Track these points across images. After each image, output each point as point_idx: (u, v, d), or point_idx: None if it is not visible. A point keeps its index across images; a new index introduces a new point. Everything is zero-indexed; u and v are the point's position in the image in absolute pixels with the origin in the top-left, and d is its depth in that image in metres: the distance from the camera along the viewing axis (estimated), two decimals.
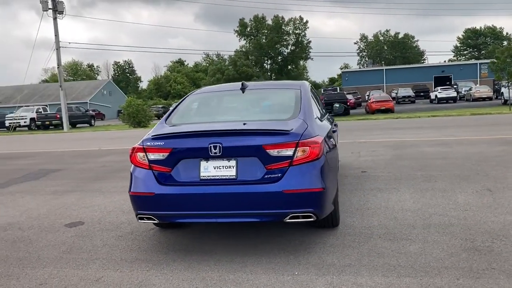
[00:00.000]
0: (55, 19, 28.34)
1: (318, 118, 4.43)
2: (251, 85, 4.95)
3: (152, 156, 3.76)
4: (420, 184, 6.03)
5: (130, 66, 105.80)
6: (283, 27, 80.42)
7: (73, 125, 36.11)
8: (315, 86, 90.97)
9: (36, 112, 36.18)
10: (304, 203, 3.58)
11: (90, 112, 39.81)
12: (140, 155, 3.82)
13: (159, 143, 3.76)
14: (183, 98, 4.91)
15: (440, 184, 5.97)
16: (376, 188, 5.91)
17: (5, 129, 35.02)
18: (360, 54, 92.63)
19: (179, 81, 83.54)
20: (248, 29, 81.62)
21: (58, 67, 28.89)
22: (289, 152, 3.58)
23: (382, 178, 6.52)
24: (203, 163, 3.67)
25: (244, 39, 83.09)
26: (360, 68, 72.21)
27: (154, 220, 3.76)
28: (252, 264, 3.61)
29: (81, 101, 55.77)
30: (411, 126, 16.00)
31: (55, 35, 28.70)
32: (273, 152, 3.57)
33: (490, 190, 5.46)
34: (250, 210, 3.57)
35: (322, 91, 45.54)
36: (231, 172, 3.63)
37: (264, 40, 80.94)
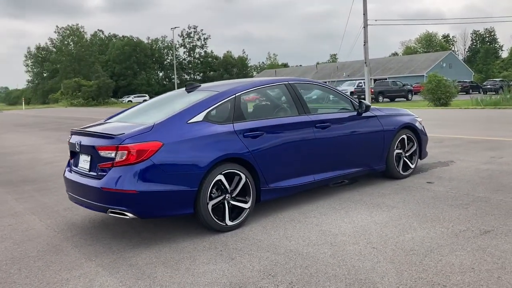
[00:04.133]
0: None
1: (212, 122, 4.46)
2: (203, 86, 5.23)
3: (68, 146, 4.91)
4: (437, 207, 4.79)
5: (492, 34, 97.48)
6: None
7: (391, 99, 37.57)
8: None
9: (357, 86, 39.18)
10: (118, 201, 4.04)
11: (408, 86, 39.98)
12: None
13: (69, 136, 4.86)
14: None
15: (462, 212, 4.60)
16: (376, 204, 5.05)
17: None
18: None
19: None
20: None
21: (364, 45, 30.44)
22: (112, 154, 4.07)
23: (421, 195, 5.33)
24: (81, 156, 4.58)
25: None
26: None
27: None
28: (100, 249, 4.27)
29: (417, 74, 56.26)
30: None
31: (364, 14, 30.32)
32: (101, 153, 4.15)
33: (486, 231, 3.96)
34: (90, 200, 4.29)
35: None
36: (86, 166, 4.41)
37: None
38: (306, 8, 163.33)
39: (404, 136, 6.12)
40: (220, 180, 4.35)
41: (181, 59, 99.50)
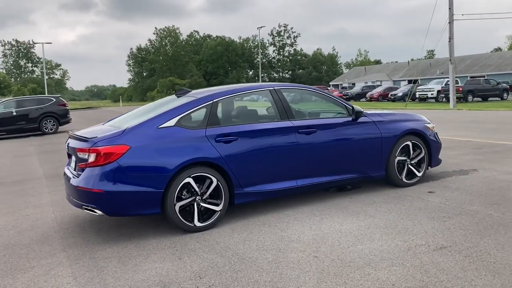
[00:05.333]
0: None
1: (184, 127, 4.66)
2: (192, 92, 5.44)
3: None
4: (415, 219, 4.61)
5: None
6: None
7: (483, 98, 35.05)
8: None
9: (445, 85, 36.98)
10: (89, 199, 4.42)
11: (503, 85, 36.97)
12: None
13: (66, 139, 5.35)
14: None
15: (436, 225, 4.40)
16: (357, 212, 4.96)
17: (416, 100, 37.69)
18: None
19: None
20: None
21: (449, 41, 28.77)
22: (86, 156, 4.46)
23: (410, 205, 5.14)
24: (72, 157, 5.04)
25: None
26: None
27: None
28: (74, 240, 4.75)
29: None
30: None
31: (449, 8, 28.64)
32: (79, 154, 4.55)
33: (450, 248, 3.78)
34: (71, 197, 4.72)
35: None
36: (73, 165, 4.86)
37: None
38: (402, 3, 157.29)
39: (408, 142, 5.87)
40: (189, 183, 4.55)
41: (270, 58, 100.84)
